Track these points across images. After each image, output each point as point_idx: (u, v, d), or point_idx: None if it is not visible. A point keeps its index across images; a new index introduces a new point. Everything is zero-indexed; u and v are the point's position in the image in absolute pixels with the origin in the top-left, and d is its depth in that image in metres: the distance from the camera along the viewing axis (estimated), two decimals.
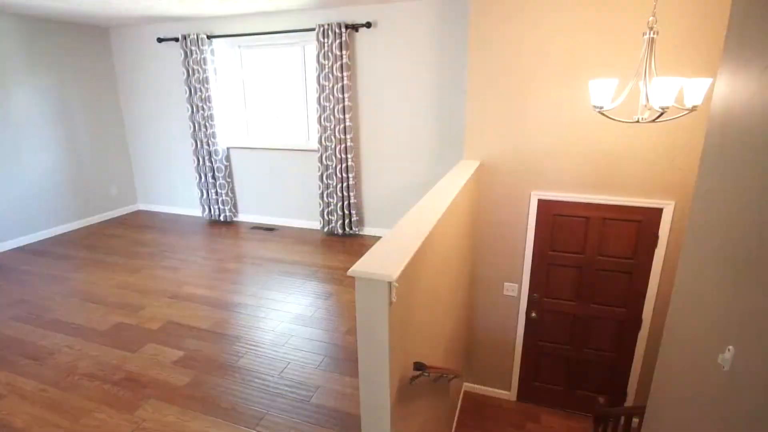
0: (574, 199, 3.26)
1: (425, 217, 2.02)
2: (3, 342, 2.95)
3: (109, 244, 4.77)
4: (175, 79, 5.41)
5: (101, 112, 5.59)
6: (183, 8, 4.31)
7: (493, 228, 3.55)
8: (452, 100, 4.20)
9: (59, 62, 5.02)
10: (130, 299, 3.51)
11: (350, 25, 4.29)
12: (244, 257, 4.37)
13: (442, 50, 4.11)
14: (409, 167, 4.55)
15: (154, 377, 2.57)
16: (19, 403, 2.38)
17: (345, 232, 4.86)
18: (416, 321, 1.89)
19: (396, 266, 1.47)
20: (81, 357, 2.78)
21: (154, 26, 5.28)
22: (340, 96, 4.44)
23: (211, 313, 3.30)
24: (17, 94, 4.66)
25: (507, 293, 3.63)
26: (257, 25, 4.77)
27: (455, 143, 4.30)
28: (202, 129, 5.23)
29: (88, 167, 5.48)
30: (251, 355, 2.77)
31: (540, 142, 3.29)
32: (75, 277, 3.94)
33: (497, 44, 3.24)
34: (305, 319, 3.20)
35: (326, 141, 4.67)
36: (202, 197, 5.51)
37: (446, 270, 2.47)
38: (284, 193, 5.26)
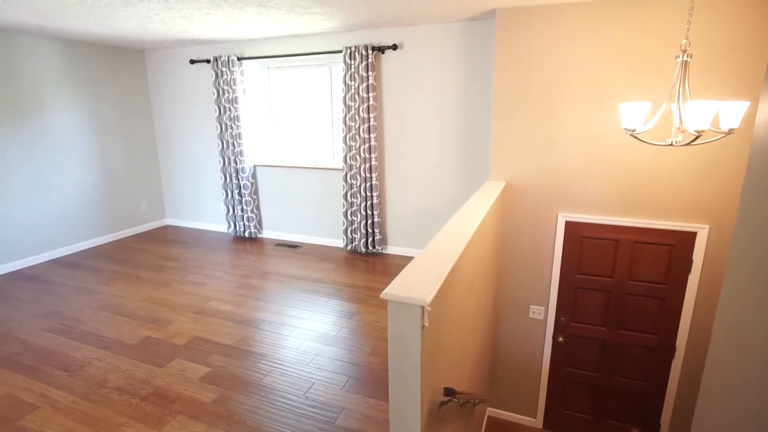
0: (603, 222, 3.21)
1: (454, 239, 2.01)
2: (38, 353, 3.03)
3: (139, 258, 4.90)
4: (205, 99, 5.59)
5: (135, 130, 5.80)
6: (216, 32, 4.48)
7: (518, 250, 3.51)
8: (477, 121, 4.22)
9: (97, 83, 5.26)
10: (158, 313, 3.58)
11: (377, 47, 4.38)
12: (269, 274, 4.41)
13: (468, 71, 4.15)
14: (433, 187, 4.56)
15: (182, 393, 2.60)
16: (52, 415, 2.43)
17: (368, 250, 4.88)
18: (445, 345, 1.87)
19: (429, 290, 1.47)
20: (111, 370, 2.83)
21: (187, 48, 5.49)
22: (365, 116, 4.51)
23: (236, 329, 3.33)
24: (58, 113, 4.88)
25: (533, 316, 3.56)
26: (286, 47, 4.91)
27: (480, 164, 4.30)
28: (230, 147, 5.36)
29: (121, 183, 5.67)
30: (276, 374, 2.77)
31: (567, 163, 3.26)
32: (105, 290, 4.05)
33: (523, 65, 3.26)
34: (329, 338, 3.20)
35: (351, 160, 4.73)
36: (228, 213, 5.62)
37: (472, 292, 2.45)
38: (308, 210, 5.32)
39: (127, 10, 3.46)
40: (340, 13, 3.68)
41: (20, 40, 4.48)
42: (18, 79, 4.50)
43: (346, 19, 3.90)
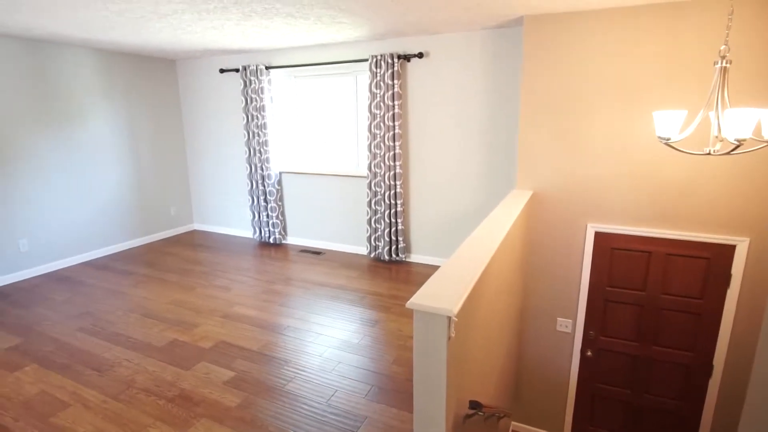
0: (635, 233, 3.11)
1: (481, 249, 1.98)
2: (70, 352, 3.13)
3: (167, 262, 5.01)
4: (233, 107, 5.72)
5: (165, 137, 5.98)
6: (245, 42, 4.58)
7: (545, 260, 3.44)
8: (503, 129, 4.17)
9: (130, 91, 5.45)
10: (185, 317, 3.65)
11: (402, 56, 4.40)
12: (292, 280, 4.45)
13: (494, 79, 4.12)
14: (458, 195, 4.52)
15: (206, 396, 2.63)
16: (83, 413, 2.49)
17: (391, 258, 4.86)
18: (471, 356, 1.83)
19: (455, 300, 1.45)
20: (139, 371, 2.89)
21: (217, 58, 5.64)
22: (390, 124, 4.52)
23: (260, 334, 3.36)
24: (94, 120, 5.08)
25: (560, 329, 3.47)
26: (313, 56, 4.98)
27: (506, 172, 4.24)
28: (256, 154, 5.46)
29: (151, 188, 5.84)
30: (299, 380, 2.78)
31: (597, 172, 3.19)
32: (135, 293, 4.16)
33: (551, 72, 3.21)
34: (352, 345, 3.19)
35: (376, 168, 4.74)
36: (254, 219, 5.71)
37: (498, 303, 2.40)
38: (332, 217, 5.35)
39: (161, 21, 3.58)
40: (367, 23, 3.72)
41: (62, 52, 4.69)
42: (59, 88, 4.71)
43: (372, 28, 3.93)
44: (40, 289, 4.28)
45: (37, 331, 3.44)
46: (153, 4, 3.06)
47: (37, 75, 4.52)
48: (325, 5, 3.13)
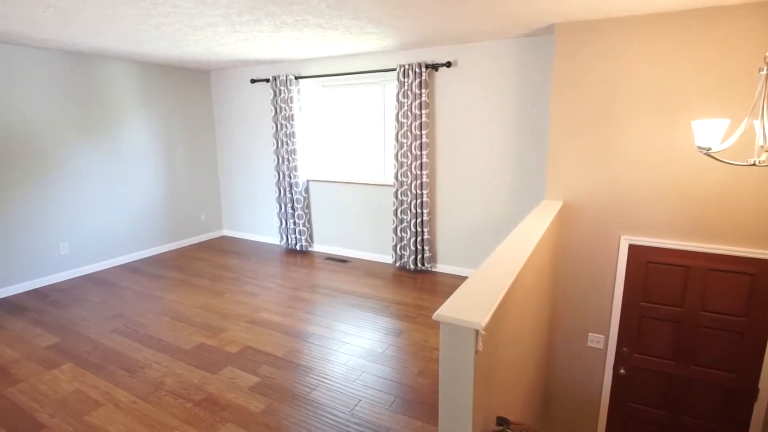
0: (672, 246, 2.99)
1: (510, 260, 1.94)
2: (104, 352, 3.23)
3: (197, 267, 5.14)
4: (263, 116, 5.84)
5: (198, 145, 6.16)
6: (275, 53, 4.69)
7: (576, 273, 3.34)
8: (532, 138, 4.10)
9: (166, 101, 5.65)
10: (213, 321, 3.71)
11: (430, 65, 4.40)
12: (318, 287, 4.47)
13: (523, 87, 4.06)
14: (485, 205, 4.46)
15: (232, 401, 2.66)
16: (114, 413, 2.56)
17: (417, 267, 4.83)
18: (499, 371, 1.79)
19: (483, 313, 1.42)
20: (168, 374, 2.95)
21: (249, 68, 5.79)
22: (417, 133, 4.52)
23: (285, 341, 3.38)
24: (131, 128, 5.29)
25: (591, 345, 3.35)
26: (341, 66, 5.05)
27: (535, 182, 4.16)
28: (285, 162, 5.55)
29: (183, 195, 6.01)
30: (323, 388, 2.78)
31: (631, 182, 3.08)
32: (166, 296, 4.27)
33: (584, 80, 3.14)
34: (376, 355, 3.17)
35: (402, 176, 4.74)
36: (281, 226, 5.79)
37: (527, 317, 2.34)
38: (358, 225, 5.37)
39: (196, 34, 3.70)
40: (396, 33, 3.74)
41: (105, 65, 4.92)
42: (101, 99, 4.93)
43: (400, 38, 3.95)
44: (77, 290, 4.45)
45: (74, 330, 3.57)
46: (189, 18, 3.17)
47: (81, 86, 4.74)
48: (354, 16, 3.17)
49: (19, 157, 4.31)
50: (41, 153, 4.47)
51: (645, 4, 2.70)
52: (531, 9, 2.98)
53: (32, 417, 2.53)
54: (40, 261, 4.57)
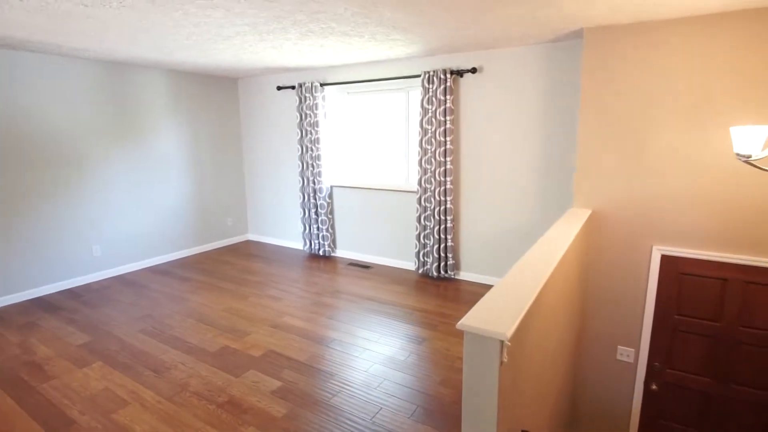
0: (707, 257, 2.86)
1: (536, 270, 1.89)
2: (132, 352, 3.31)
3: (222, 271, 5.23)
4: (289, 123, 5.93)
5: (225, 151, 6.30)
6: (301, 60, 4.76)
7: (605, 284, 3.24)
8: (560, 145, 4.02)
9: (195, 107, 5.81)
10: (237, 324, 3.76)
11: (455, 71, 4.38)
12: (340, 293, 4.48)
13: (550, 93, 3.99)
14: (511, 213, 4.39)
15: (254, 404, 2.67)
16: (140, 412, 2.61)
17: (440, 275, 4.78)
18: (524, 383, 1.74)
19: (508, 323, 1.38)
20: (192, 375, 3.00)
21: (275, 76, 5.89)
22: (442, 139, 4.50)
23: (307, 345, 3.39)
24: (161, 134, 5.45)
25: (621, 358, 3.24)
26: (366, 72, 5.08)
27: (562, 190, 4.07)
28: (309, 168, 5.61)
29: (210, 199, 6.15)
30: (344, 395, 2.77)
31: (664, 191, 2.98)
32: (192, 299, 4.35)
33: (614, 85, 3.06)
34: (398, 363, 3.14)
35: (426, 183, 4.72)
36: (305, 231, 5.84)
37: (554, 328, 2.28)
38: (381, 232, 5.36)
39: (225, 42, 3.79)
40: (421, 39, 3.74)
41: (137, 73, 5.10)
42: (133, 106, 5.10)
43: (425, 44, 3.95)
44: (108, 291, 4.59)
45: (105, 330, 3.67)
46: (218, 27, 3.25)
47: (115, 94, 4.92)
48: (379, 23, 3.18)
49: (58, 161, 4.50)
50: (78, 158, 4.65)
51: (684, 6, 2.62)
52: (559, 14, 2.93)
53: (64, 413, 2.61)
54: (75, 262, 4.74)
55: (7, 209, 4.18)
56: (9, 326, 3.76)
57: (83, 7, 2.71)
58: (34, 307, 4.19)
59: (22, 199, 4.27)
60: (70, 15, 2.89)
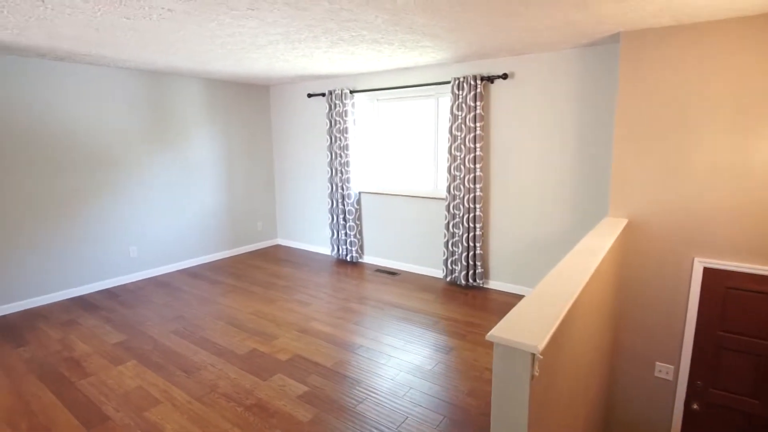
0: (755, 271, 2.70)
1: (569, 281, 1.83)
2: (164, 352, 3.40)
3: (252, 274, 5.32)
4: (318, 129, 6.01)
5: (256, 157, 6.43)
6: (332, 68, 4.81)
7: (643, 297, 3.10)
8: (594, 152, 3.90)
9: (228, 115, 5.97)
10: (265, 328, 3.81)
11: (486, 77, 4.33)
12: (367, 299, 4.48)
13: (584, 99, 3.89)
14: (543, 221, 4.28)
15: (281, 408, 2.69)
16: (171, 411, 2.67)
17: (468, 283, 4.71)
18: (555, 399, 1.68)
19: (540, 335, 1.34)
20: (221, 377, 3.05)
21: (306, 83, 5.99)
22: (471, 146, 4.45)
23: (334, 351, 3.39)
24: (196, 141, 5.62)
25: (659, 375, 3.09)
26: (395, 79, 5.09)
27: (596, 198, 3.94)
28: (338, 174, 5.65)
29: (241, 204, 6.28)
30: (370, 402, 2.75)
31: (706, 199, 2.84)
32: (222, 301, 4.44)
33: (652, 91, 2.95)
34: (424, 372, 3.10)
35: (455, 190, 4.67)
36: (333, 237, 5.88)
37: (587, 342, 2.20)
38: (409, 238, 5.34)
39: (258, 51, 3.88)
40: (451, 46, 3.72)
41: (175, 82, 5.29)
42: (170, 113, 5.29)
43: (455, 50, 3.93)
44: (143, 291, 4.75)
45: (139, 330, 3.79)
46: (252, 37, 3.34)
47: (153, 102, 5.12)
48: (410, 30, 3.19)
49: (99, 166, 4.70)
50: (117, 163, 4.85)
51: (728, 7, 2.50)
52: (595, 18, 2.85)
53: (99, 409, 2.70)
54: (113, 263, 4.93)
55: (53, 212, 4.39)
56: (52, 324, 3.94)
57: (126, 20, 2.83)
58: (75, 305, 4.37)
59: (67, 202, 4.49)
60: (114, 27, 3.03)
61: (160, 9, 2.62)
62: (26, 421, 2.59)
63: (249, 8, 2.62)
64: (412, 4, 2.58)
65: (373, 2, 2.53)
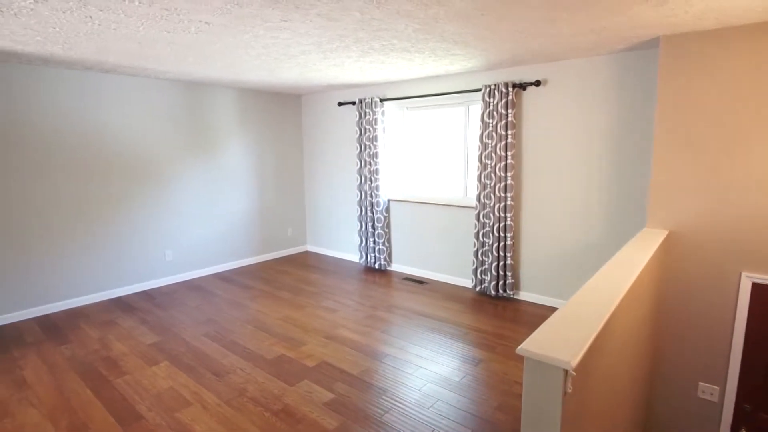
0: None
1: (605, 294, 1.76)
2: (195, 354, 3.47)
3: (281, 280, 5.39)
4: (348, 137, 6.06)
5: (287, 164, 6.55)
6: (362, 77, 4.86)
7: (684, 313, 2.95)
8: (631, 161, 3.77)
9: (260, 123, 6.11)
10: (293, 333, 3.84)
11: (518, 84, 4.26)
12: (395, 307, 4.45)
13: (621, 105, 3.76)
14: (575, 232, 4.16)
15: (307, 415, 2.70)
16: (201, 413, 2.72)
17: (498, 293, 4.61)
18: (589, 418, 1.61)
19: (574, 351, 1.28)
20: (250, 381, 3.09)
21: (337, 92, 6.07)
22: (502, 154, 4.38)
23: (360, 359, 3.38)
24: (230, 149, 5.78)
25: (703, 396, 2.92)
26: (425, 87, 5.09)
27: (633, 208, 3.79)
28: (367, 182, 5.68)
29: (271, 211, 6.40)
30: (396, 413, 2.72)
31: (754, 210, 2.68)
32: (252, 306, 4.52)
33: (694, 96, 2.82)
34: (452, 384, 3.04)
35: (485, 198, 4.60)
36: (361, 244, 5.90)
37: (623, 359, 2.10)
38: (438, 247, 5.29)
39: (290, 61, 3.97)
40: (482, 53, 3.69)
41: (211, 92, 5.47)
42: (206, 122, 5.47)
43: (487, 58, 3.89)
44: (177, 294, 4.89)
45: (173, 332, 3.90)
46: (285, 47, 3.41)
47: (190, 111, 5.31)
48: (441, 39, 3.18)
49: (139, 173, 4.90)
50: (156, 170, 5.05)
51: None
52: (632, 23, 2.76)
53: (133, 408, 2.78)
54: (149, 266, 5.11)
55: (94, 217, 4.60)
56: (92, 323, 4.11)
57: (166, 33, 2.95)
58: (114, 306, 4.55)
59: (109, 208, 4.69)
60: (155, 41, 3.17)
61: (198, 22, 2.72)
62: (66, 417, 2.70)
63: (282, 20, 2.68)
64: (443, 14, 2.57)
65: (403, 12, 2.54)
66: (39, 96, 4.15)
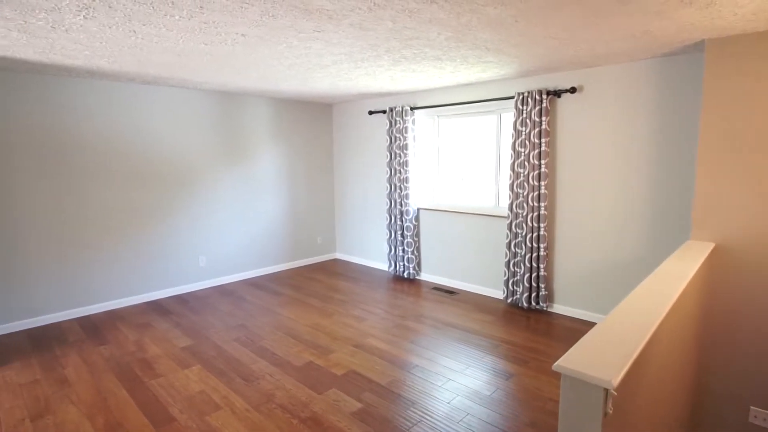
0: None
1: (647, 309, 1.67)
2: (226, 359, 3.53)
3: (311, 287, 5.43)
4: (379, 146, 6.08)
5: (317, 173, 6.63)
6: (393, 85, 4.88)
7: (733, 332, 2.77)
8: (673, 169, 3.60)
9: (292, 132, 6.22)
10: (322, 341, 3.85)
11: (552, 91, 4.17)
12: (424, 317, 4.40)
13: (661, 112, 3.61)
14: (614, 243, 4.00)
15: (334, 424, 2.68)
16: (230, 417, 2.75)
17: (530, 306, 4.49)
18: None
19: (615, 369, 1.21)
20: (278, 387, 3.10)
21: (367, 101, 6.12)
22: (536, 162, 4.28)
23: (389, 369, 3.35)
24: (262, 157, 5.90)
25: (754, 421, 2.73)
26: (456, 95, 5.05)
27: (676, 219, 3.62)
28: (397, 190, 5.67)
29: (302, 218, 6.48)
30: (424, 425, 2.66)
31: None
32: (282, 312, 4.56)
33: (742, 103, 2.67)
34: (483, 398, 2.96)
35: (518, 208, 4.50)
36: (390, 253, 5.87)
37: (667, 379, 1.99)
38: (468, 257, 5.21)
39: (322, 71, 4.02)
40: (515, 60, 3.63)
41: (245, 101, 5.62)
42: (239, 131, 5.62)
43: (520, 65, 3.83)
44: (210, 299, 5.00)
45: (205, 336, 3.98)
46: (317, 57, 3.46)
47: (225, 121, 5.46)
48: (473, 46, 3.15)
49: (176, 181, 5.07)
50: (192, 179, 5.21)
51: None
52: (676, 26, 2.65)
53: (166, 410, 2.84)
54: (184, 271, 5.25)
55: (134, 223, 4.78)
56: (129, 325, 4.25)
57: (204, 45, 3.05)
58: (150, 309, 4.69)
59: (146, 214, 4.87)
60: (193, 53, 3.28)
61: (234, 34, 2.80)
62: (103, 416, 2.78)
63: (315, 30, 2.72)
64: (475, 21, 2.55)
65: (436, 20, 2.53)
66: (88, 108, 4.36)
